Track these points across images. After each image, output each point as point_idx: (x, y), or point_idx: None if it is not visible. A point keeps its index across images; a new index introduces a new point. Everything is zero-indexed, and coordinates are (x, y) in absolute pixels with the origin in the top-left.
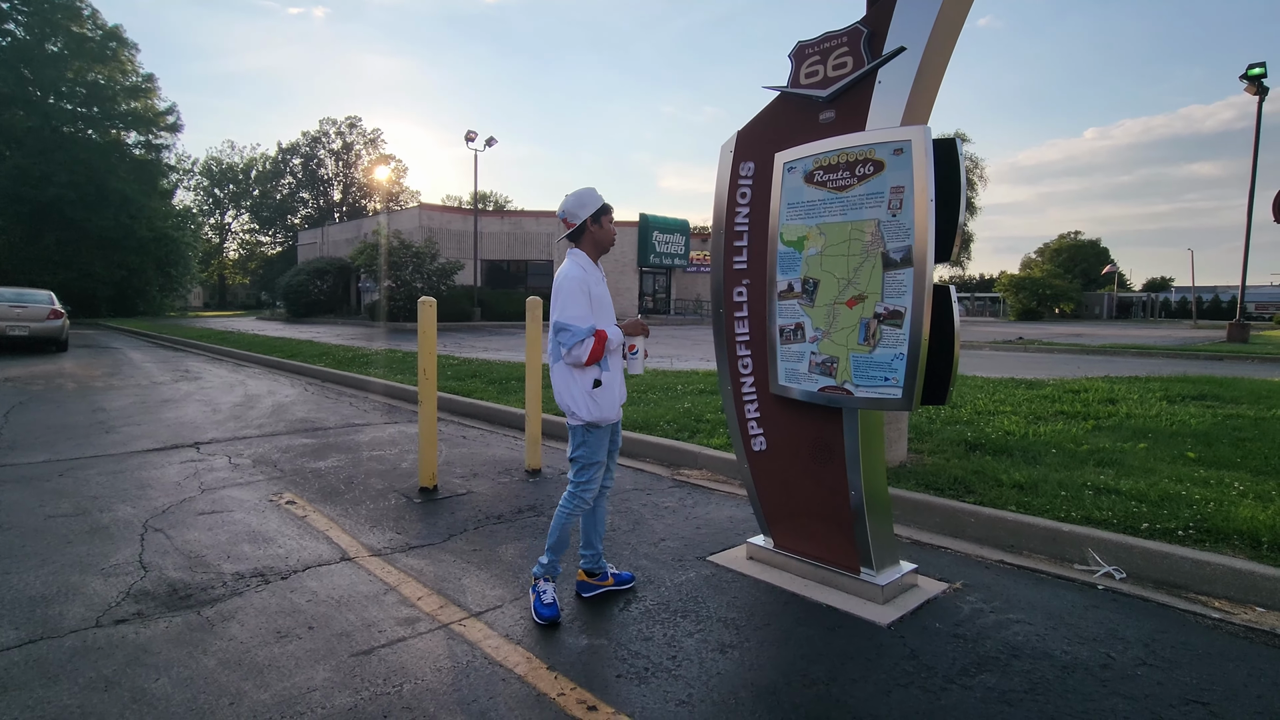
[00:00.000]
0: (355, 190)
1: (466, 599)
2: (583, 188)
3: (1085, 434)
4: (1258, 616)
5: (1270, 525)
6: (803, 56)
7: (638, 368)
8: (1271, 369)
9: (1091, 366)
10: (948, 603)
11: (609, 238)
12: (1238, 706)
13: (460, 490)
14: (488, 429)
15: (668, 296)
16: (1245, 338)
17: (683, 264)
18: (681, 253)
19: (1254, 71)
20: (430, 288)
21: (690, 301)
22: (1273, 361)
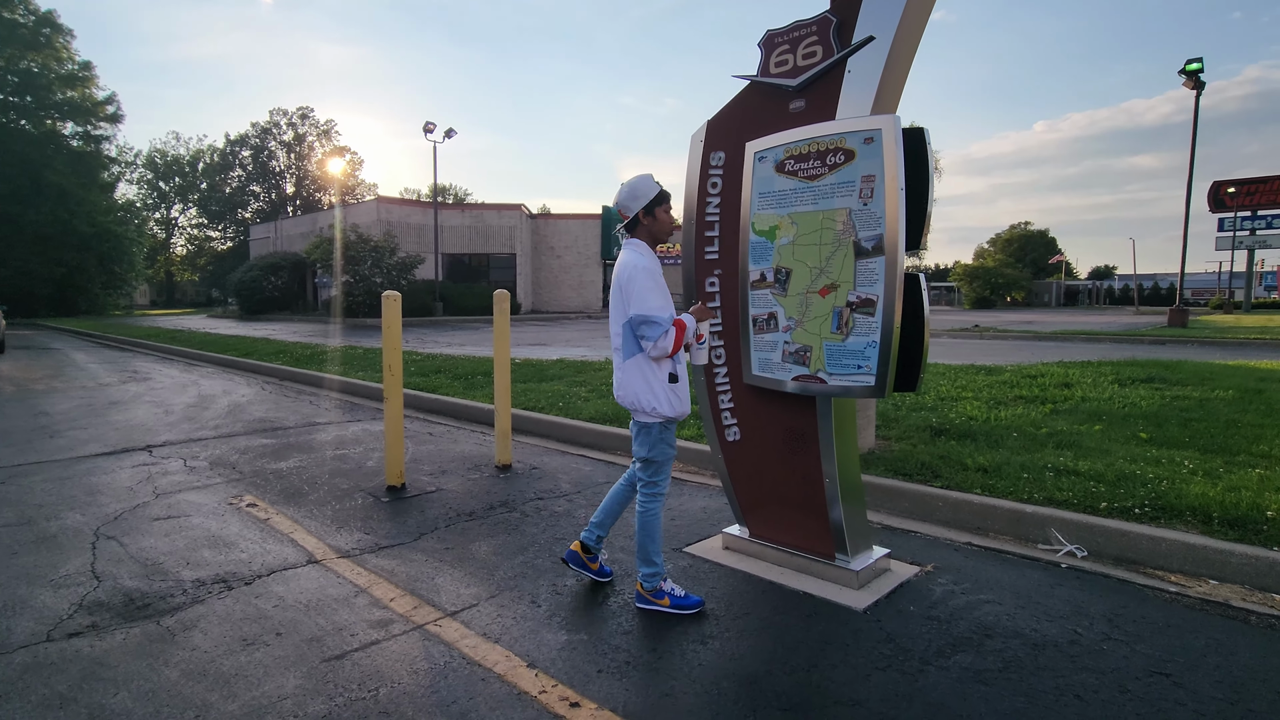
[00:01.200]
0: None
1: (441, 599)
2: (637, 176)
3: (1044, 417)
4: (1211, 589)
5: (1220, 501)
6: (772, 45)
7: (701, 357)
8: (1211, 352)
9: (1045, 352)
10: (920, 585)
11: (665, 230)
12: (1198, 676)
13: (429, 488)
14: (454, 425)
15: None
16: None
17: None
18: None
19: (1192, 67)
20: (390, 282)
21: None
22: (1211, 345)
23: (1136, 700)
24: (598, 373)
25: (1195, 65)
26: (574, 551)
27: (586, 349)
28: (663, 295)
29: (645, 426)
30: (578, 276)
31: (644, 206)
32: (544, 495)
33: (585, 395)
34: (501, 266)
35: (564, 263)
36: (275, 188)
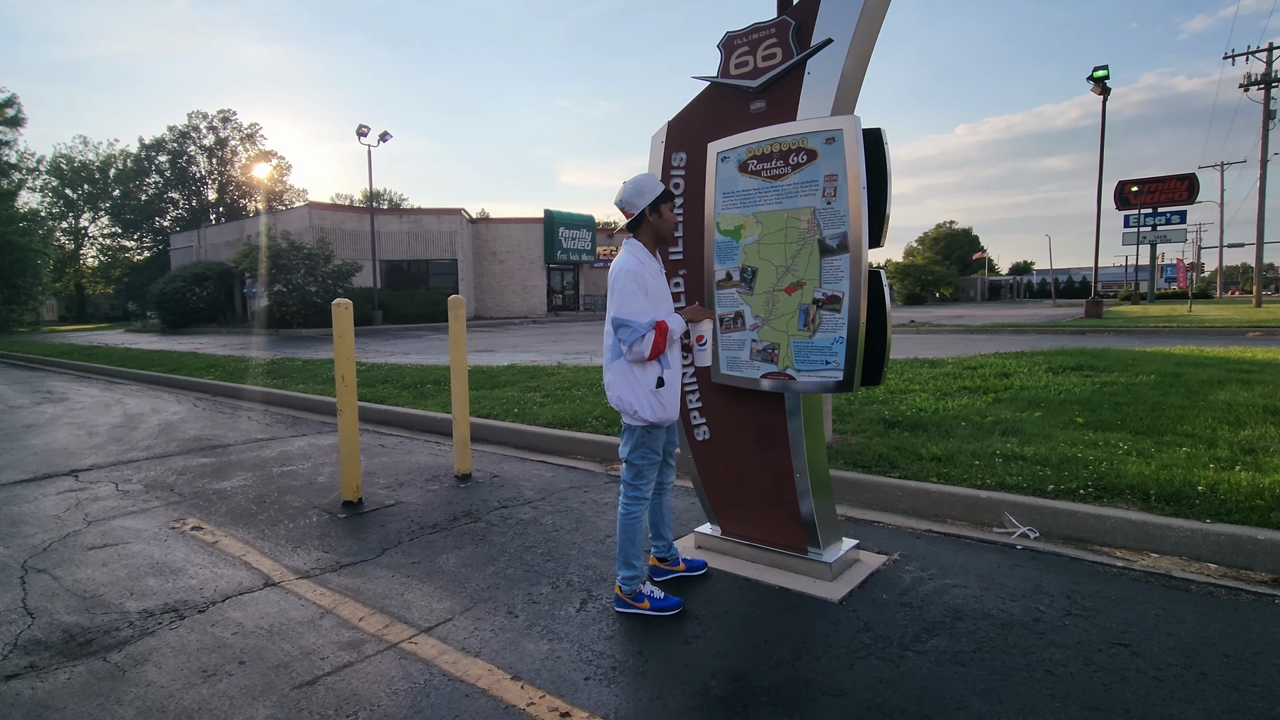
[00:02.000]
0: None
1: (413, 615)
2: (642, 174)
3: (987, 406)
4: (1154, 561)
5: (1156, 479)
6: (732, 47)
7: (705, 358)
8: (1127, 340)
9: (978, 345)
10: (889, 574)
11: (669, 228)
12: (1154, 644)
13: (388, 501)
14: (406, 436)
15: (576, 293)
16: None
17: (590, 259)
18: (588, 248)
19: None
20: (326, 291)
21: (599, 297)
22: (1126, 333)
23: (1102, 671)
24: (550, 377)
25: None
26: (653, 567)
27: (535, 354)
28: (645, 299)
29: (630, 429)
30: (521, 281)
31: (650, 203)
32: (508, 504)
33: (540, 400)
34: (442, 272)
35: (507, 268)
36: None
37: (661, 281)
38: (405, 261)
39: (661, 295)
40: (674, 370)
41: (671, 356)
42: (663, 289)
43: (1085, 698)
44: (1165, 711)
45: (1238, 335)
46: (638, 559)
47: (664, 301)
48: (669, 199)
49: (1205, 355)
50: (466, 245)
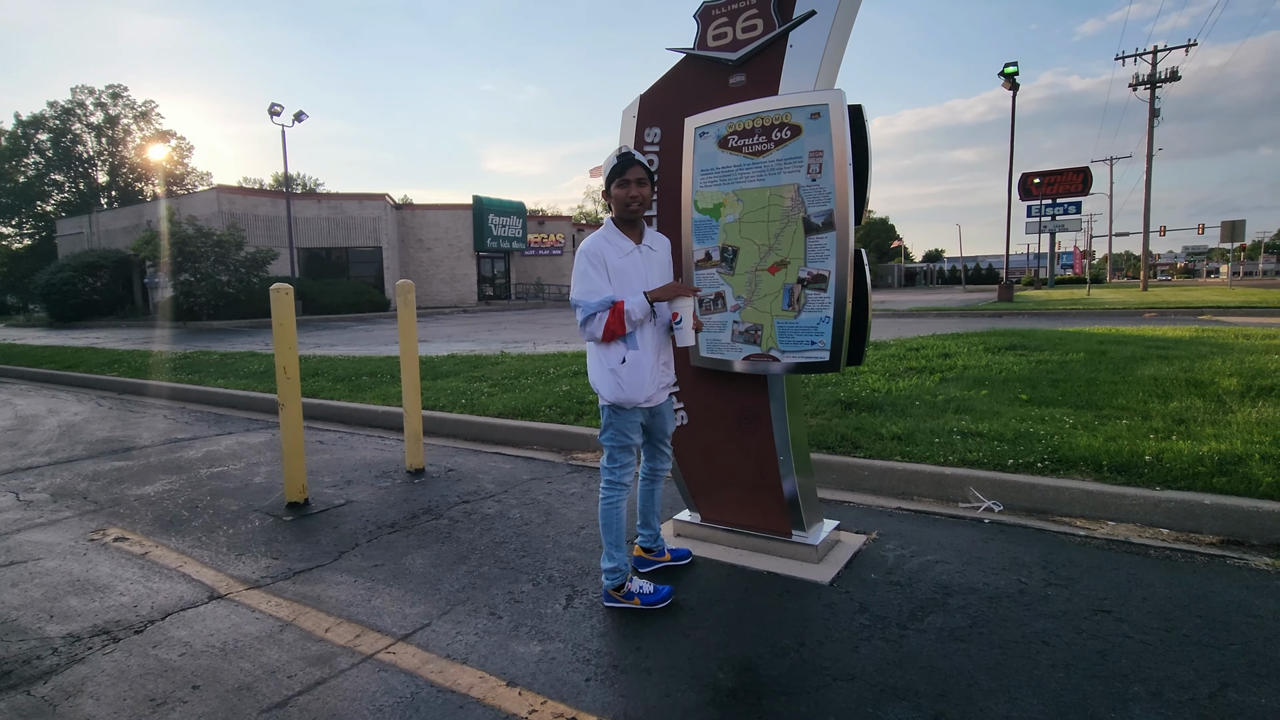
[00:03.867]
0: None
1: (385, 622)
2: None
3: (936, 386)
4: (1112, 529)
5: (1106, 450)
6: (709, 18)
7: (687, 338)
8: (1040, 321)
9: (909, 328)
10: (872, 553)
11: (620, 205)
12: (1133, 609)
13: (337, 501)
14: (345, 431)
15: (507, 281)
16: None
17: (521, 247)
18: (519, 235)
19: (1009, 70)
20: (239, 280)
21: (530, 285)
22: (1038, 315)
23: (1093, 638)
24: (495, 366)
25: (1011, 69)
26: (638, 557)
27: (473, 343)
28: (596, 279)
29: (601, 408)
30: (450, 270)
31: (604, 185)
32: (469, 498)
33: (488, 390)
34: (365, 260)
35: (434, 255)
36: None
37: (634, 260)
38: (325, 249)
39: (630, 274)
40: (642, 351)
41: (641, 337)
42: (633, 268)
43: (1084, 666)
44: (1160, 674)
45: (1136, 315)
46: (619, 550)
47: (634, 280)
48: (618, 174)
49: (1124, 334)
50: (392, 232)
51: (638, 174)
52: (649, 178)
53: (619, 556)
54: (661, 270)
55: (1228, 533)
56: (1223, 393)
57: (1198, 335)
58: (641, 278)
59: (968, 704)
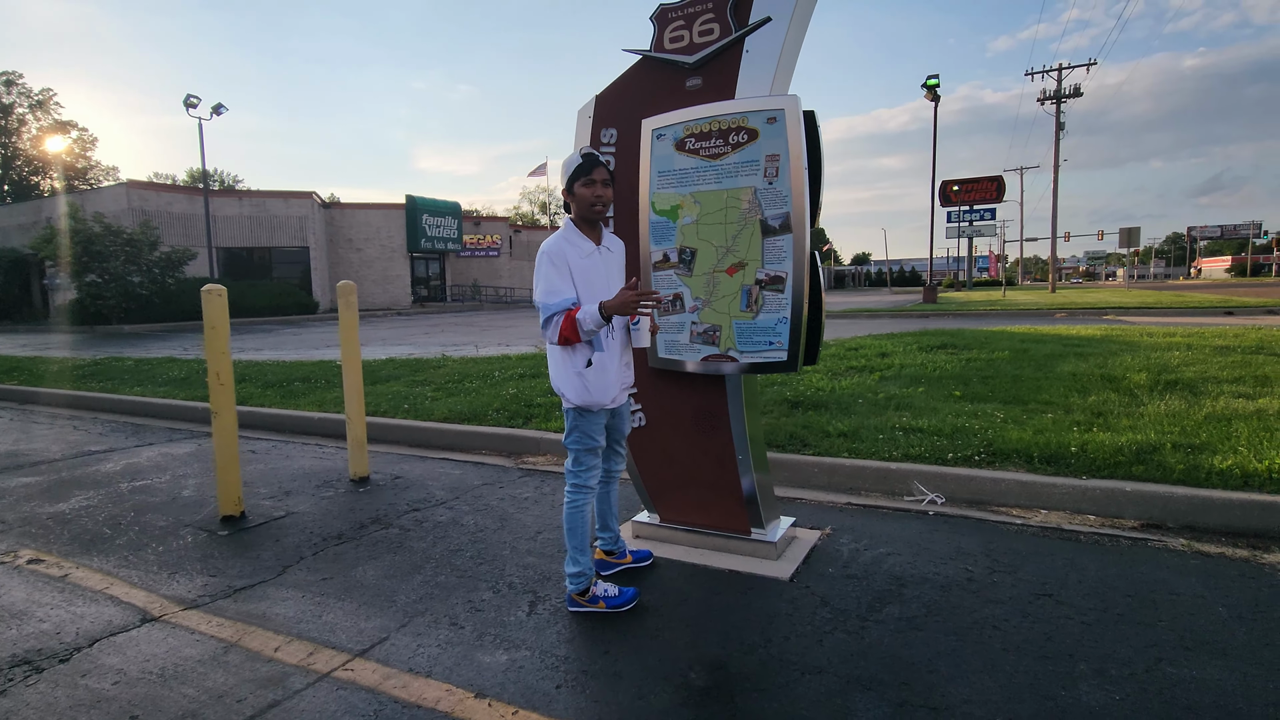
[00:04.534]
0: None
1: (339, 638)
2: (572, 152)
3: (876, 384)
4: (1045, 517)
5: (1035, 442)
6: (665, 20)
7: (643, 340)
8: (966, 321)
9: (846, 328)
10: (827, 548)
11: (585, 205)
12: (1071, 592)
13: (276, 513)
14: (279, 439)
15: (442, 283)
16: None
17: (456, 248)
18: (454, 236)
19: (931, 82)
20: (153, 282)
21: (466, 287)
22: (962, 315)
23: (1039, 622)
24: (437, 370)
25: (934, 80)
26: (600, 560)
27: (410, 347)
28: (557, 281)
29: (565, 411)
30: (382, 271)
31: (565, 184)
32: (419, 506)
33: (432, 395)
34: (291, 261)
35: (365, 256)
36: None
37: (595, 262)
38: (247, 249)
39: (592, 275)
40: (607, 353)
41: (607, 339)
42: (594, 269)
43: (1034, 649)
44: (1101, 652)
45: (1048, 316)
46: (584, 554)
47: (595, 282)
48: (579, 176)
49: (1042, 333)
50: (319, 232)
51: (602, 175)
52: (611, 179)
53: (584, 561)
54: (619, 272)
55: (1147, 517)
56: (1134, 387)
57: (1107, 334)
58: (603, 279)
59: (930, 690)
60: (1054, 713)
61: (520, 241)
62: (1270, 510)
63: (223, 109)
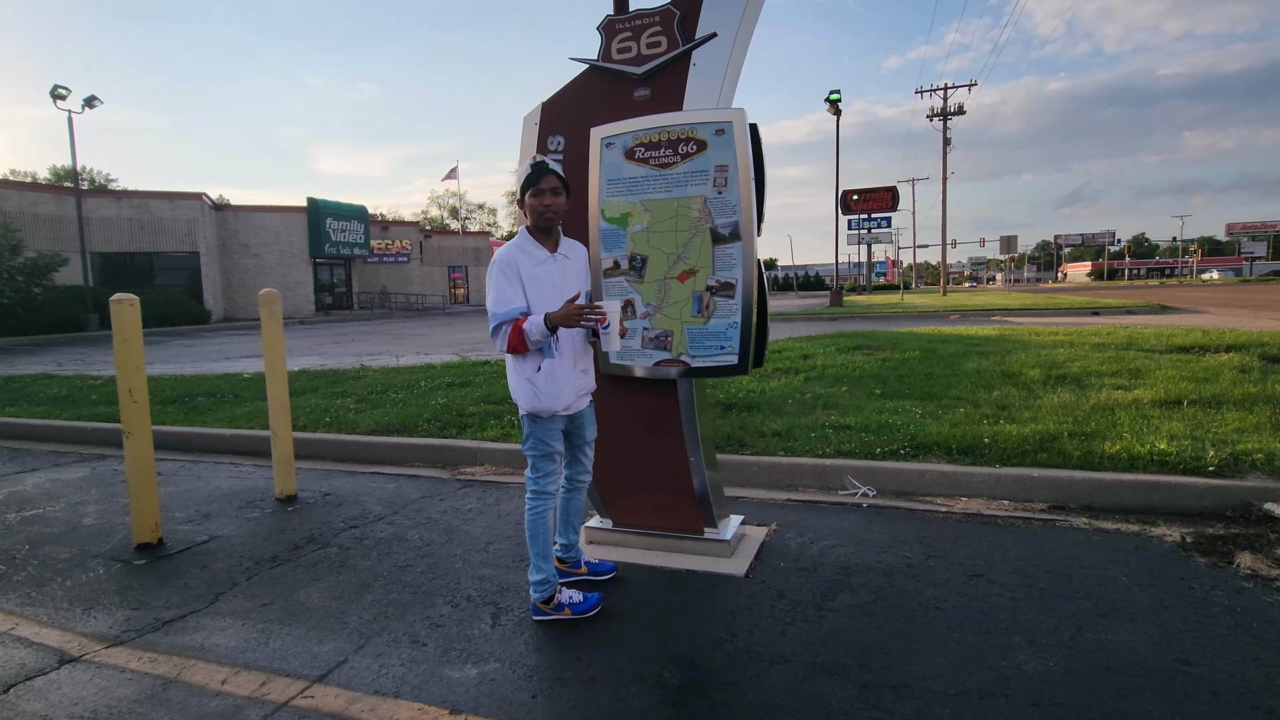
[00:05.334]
0: None
1: (292, 665)
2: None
3: (802, 384)
4: (966, 504)
5: (952, 435)
6: (613, 31)
7: (612, 343)
8: (872, 323)
9: None
10: (776, 543)
11: (535, 214)
12: (998, 571)
13: (199, 538)
14: (187, 460)
15: (349, 290)
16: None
17: (363, 254)
18: (361, 241)
19: (833, 96)
20: (16, 290)
21: (374, 294)
22: (867, 318)
23: (975, 600)
24: (357, 381)
25: (836, 95)
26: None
27: (320, 357)
28: (506, 289)
29: (521, 418)
30: (282, 277)
31: (519, 194)
32: (356, 523)
33: (354, 407)
34: (178, 267)
35: (263, 262)
36: None
37: (549, 269)
38: (128, 255)
39: (544, 282)
40: (559, 360)
41: (558, 345)
42: (547, 276)
43: (974, 625)
44: (1031, 624)
45: (944, 317)
46: (546, 561)
47: (547, 289)
48: (531, 184)
49: (945, 334)
50: (210, 236)
51: (551, 183)
52: (563, 186)
53: (546, 568)
54: (577, 278)
55: (1053, 500)
56: (1030, 382)
57: (1002, 334)
58: (556, 286)
59: (888, 670)
60: (999, 681)
61: (431, 247)
62: (1154, 488)
63: (96, 101)
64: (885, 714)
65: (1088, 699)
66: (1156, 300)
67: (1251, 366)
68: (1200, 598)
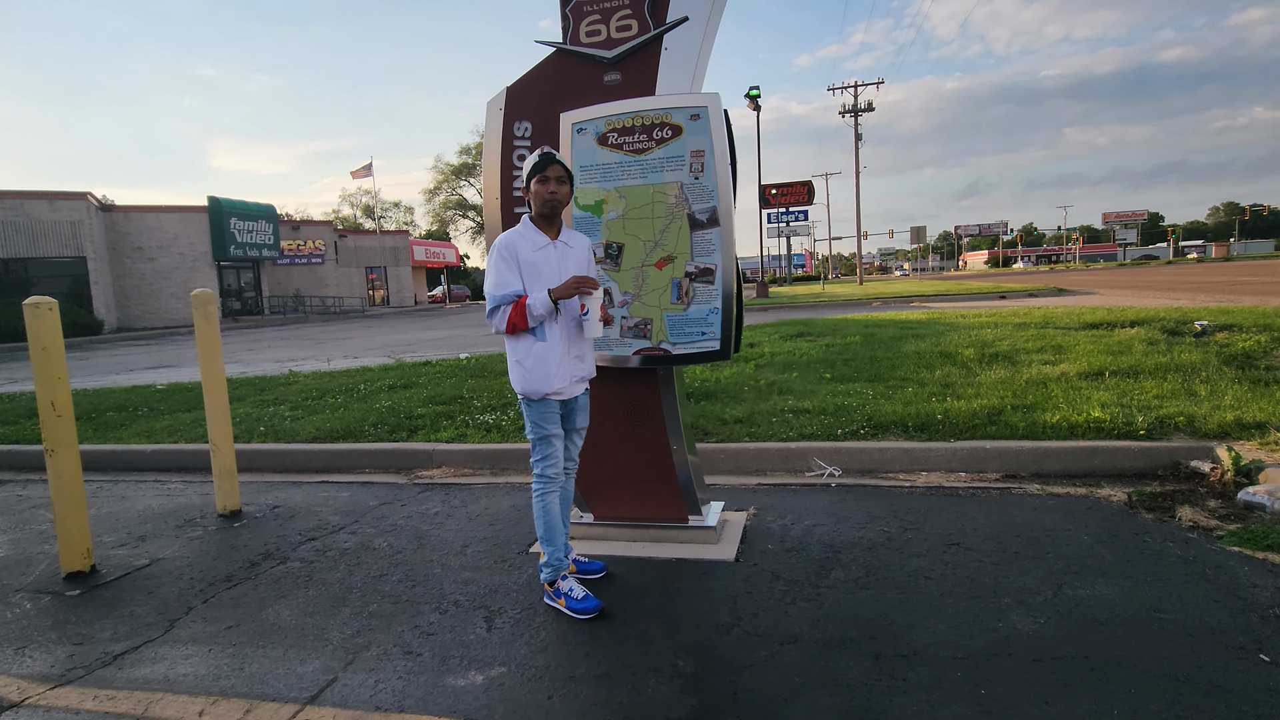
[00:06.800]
0: None
1: (277, 688)
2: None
3: (755, 372)
4: (927, 479)
5: (907, 414)
6: (581, 14)
7: (594, 330)
8: (802, 311)
9: None
10: (758, 527)
11: (539, 201)
12: (972, 539)
13: (138, 561)
14: (104, 479)
15: (259, 294)
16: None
17: (274, 255)
18: (270, 242)
19: (753, 92)
20: None
21: (287, 298)
22: (796, 307)
23: (958, 567)
24: (287, 387)
25: (755, 91)
26: None
27: (239, 364)
28: (505, 273)
29: (520, 403)
30: (183, 282)
31: (525, 181)
32: (315, 535)
33: (290, 414)
34: (60, 274)
35: (160, 266)
36: None
37: (548, 255)
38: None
39: (542, 269)
40: (549, 344)
41: (550, 329)
42: (545, 263)
43: (963, 591)
44: (1015, 585)
45: (867, 305)
46: (549, 545)
47: (545, 275)
48: (538, 171)
49: (879, 319)
50: (99, 239)
51: (557, 172)
52: (568, 176)
53: (550, 551)
54: (577, 267)
55: (1005, 469)
56: (967, 361)
57: (931, 318)
58: (555, 273)
59: (895, 640)
60: (1000, 642)
61: (347, 247)
62: (1094, 453)
63: None
64: (902, 682)
65: (1083, 651)
66: (1053, 284)
67: (1157, 339)
68: (1156, 550)
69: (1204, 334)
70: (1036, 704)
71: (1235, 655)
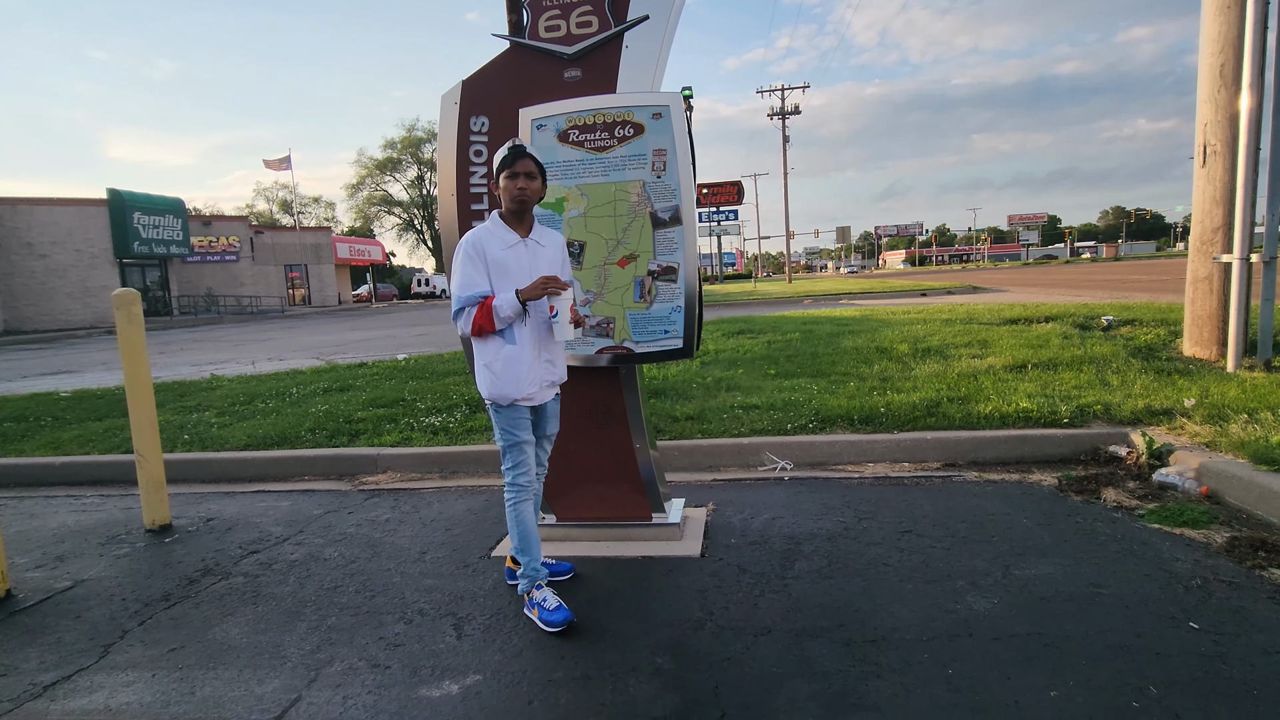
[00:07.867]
0: None
1: (235, 711)
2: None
3: (700, 369)
4: (874, 469)
5: (852, 408)
6: (539, 8)
7: (565, 333)
8: (739, 309)
9: None
10: (719, 522)
11: (508, 197)
12: (923, 525)
13: (60, 584)
14: (6, 496)
15: (166, 293)
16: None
17: (183, 253)
18: (179, 239)
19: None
20: None
21: (199, 298)
22: (732, 305)
23: (913, 553)
24: (211, 393)
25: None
26: (509, 569)
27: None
28: (470, 273)
29: (488, 409)
30: (80, 282)
31: (495, 176)
32: (257, 547)
33: (216, 420)
34: None
35: (54, 264)
36: None
37: (518, 253)
38: None
39: (511, 267)
40: (519, 347)
41: (519, 332)
42: (515, 261)
43: (920, 575)
44: (967, 568)
45: (799, 302)
46: (523, 555)
47: (514, 274)
48: (506, 166)
49: (815, 316)
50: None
51: (527, 167)
52: (539, 171)
53: (523, 559)
54: (549, 266)
55: (945, 458)
56: (902, 355)
57: (865, 314)
58: (525, 272)
59: (863, 626)
60: (960, 623)
61: (263, 244)
62: (1024, 441)
63: None
64: (874, 666)
65: (1036, 628)
66: (968, 282)
67: (1071, 333)
68: (1087, 530)
69: (1110, 328)
70: (1000, 679)
71: (1168, 624)
